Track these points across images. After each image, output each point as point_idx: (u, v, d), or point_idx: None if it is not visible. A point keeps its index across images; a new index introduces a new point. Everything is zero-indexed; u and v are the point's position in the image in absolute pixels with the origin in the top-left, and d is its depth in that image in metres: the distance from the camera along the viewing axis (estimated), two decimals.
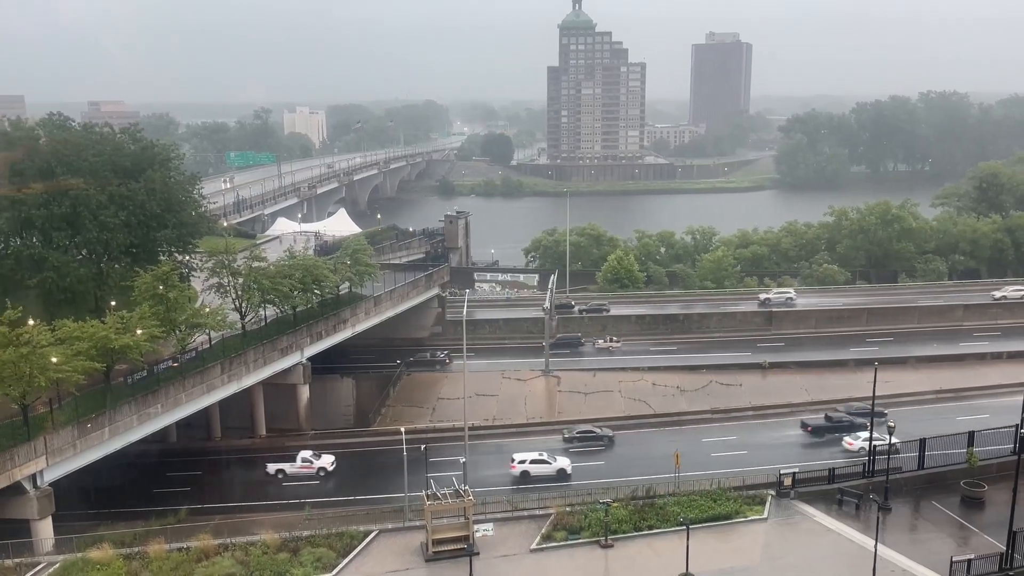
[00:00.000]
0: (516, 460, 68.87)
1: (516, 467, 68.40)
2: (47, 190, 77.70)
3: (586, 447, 74.47)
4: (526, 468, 68.22)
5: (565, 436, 76.39)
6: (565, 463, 69.04)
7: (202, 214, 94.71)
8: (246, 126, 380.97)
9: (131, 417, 63.40)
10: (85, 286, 77.75)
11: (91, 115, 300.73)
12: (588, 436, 75.80)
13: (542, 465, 68.50)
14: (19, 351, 54.96)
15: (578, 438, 75.62)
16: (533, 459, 68.87)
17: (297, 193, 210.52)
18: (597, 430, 76.50)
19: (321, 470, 70.30)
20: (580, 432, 76.18)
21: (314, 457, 71.02)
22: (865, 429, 70.40)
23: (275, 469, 70.24)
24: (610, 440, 75.73)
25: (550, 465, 68.54)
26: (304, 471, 69.75)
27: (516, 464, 68.55)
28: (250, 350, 75.80)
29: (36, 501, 56.02)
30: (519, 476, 67.88)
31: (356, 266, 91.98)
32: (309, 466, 70.20)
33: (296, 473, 69.79)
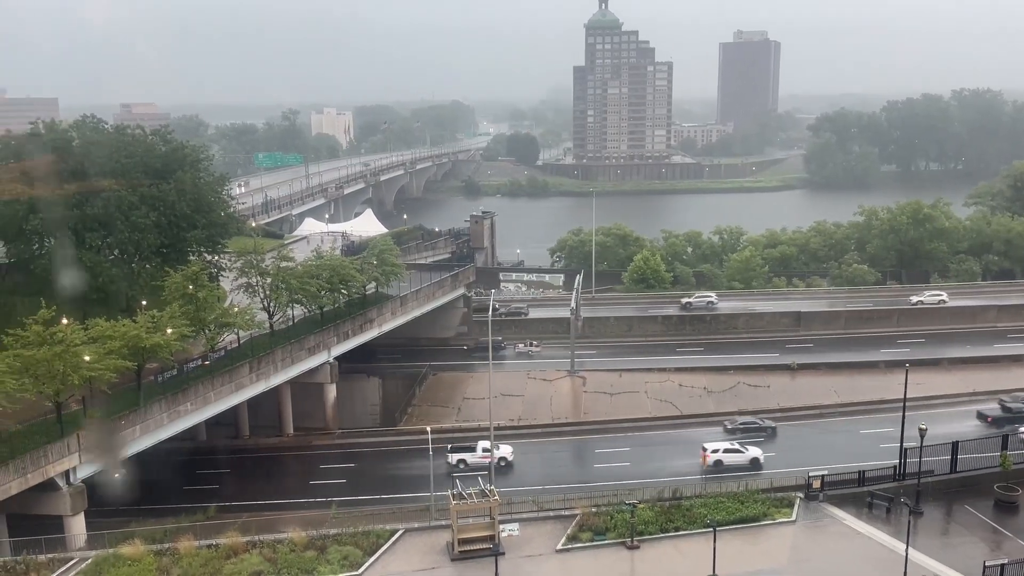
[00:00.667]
0: (709, 450, 69.50)
1: (709, 456, 68.97)
2: (80, 191, 78.95)
3: (748, 438, 74.30)
4: (719, 458, 68.79)
5: (728, 427, 77.02)
6: (757, 452, 69.49)
7: (231, 215, 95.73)
8: (274, 127, 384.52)
9: (161, 415, 64.28)
10: (117, 286, 78.87)
11: (123, 117, 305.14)
12: (751, 427, 76.19)
13: (735, 455, 68.98)
14: (53, 350, 55.92)
15: (741, 429, 76.13)
16: (726, 448, 69.48)
17: (324, 194, 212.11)
18: (760, 421, 77.01)
19: (502, 460, 70.74)
20: (743, 423, 76.86)
21: (495, 447, 70.99)
22: None
23: (456, 459, 70.38)
24: (772, 431, 76.37)
25: (743, 454, 69.09)
26: (485, 461, 69.76)
27: (709, 454, 69.12)
28: (278, 349, 76.49)
29: (69, 497, 56.95)
30: (712, 465, 68.46)
31: (382, 266, 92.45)
32: (490, 456, 70.30)
33: (477, 463, 70.00)
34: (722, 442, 71.39)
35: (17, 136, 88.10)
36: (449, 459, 70.62)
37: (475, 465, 70.01)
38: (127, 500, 64.99)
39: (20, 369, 54.90)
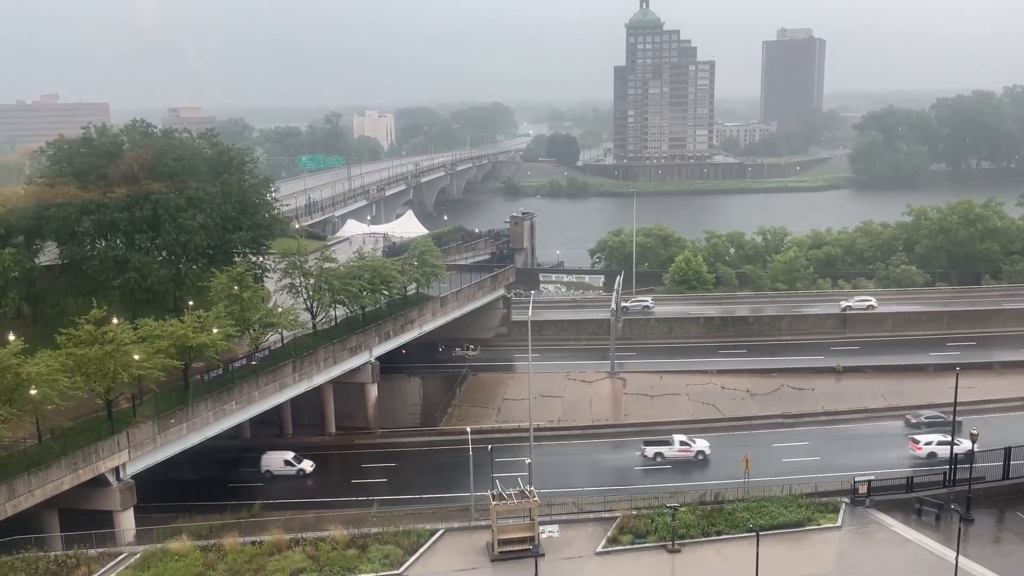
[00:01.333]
0: (922, 442, 69.54)
1: (922, 448, 69.16)
2: (130, 194, 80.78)
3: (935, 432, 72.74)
4: (932, 450, 68.65)
5: (912, 421, 76.09)
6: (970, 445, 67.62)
7: (275, 216, 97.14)
8: (317, 130, 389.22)
9: (207, 413, 65.47)
10: (165, 286, 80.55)
11: (171, 121, 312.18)
12: (936, 422, 74.86)
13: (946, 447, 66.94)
14: (104, 349, 57.33)
15: (926, 423, 75.02)
16: (939, 441, 68.86)
17: (366, 195, 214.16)
18: (944, 415, 74.85)
19: (700, 453, 71.33)
20: (928, 417, 75.73)
21: (691, 440, 72.12)
22: None
23: (653, 452, 71.14)
24: None
25: (958, 446, 67.08)
26: (683, 454, 70.73)
27: (922, 446, 69.28)
28: (321, 349, 77.39)
29: (119, 493, 58.30)
30: (926, 457, 68.40)
31: (423, 267, 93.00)
32: (688, 449, 71.16)
33: (675, 456, 70.86)
34: (934, 434, 70.58)
35: (70, 140, 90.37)
36: (645, 452, 71.28)
37: (672, 458, 70.62)
38: (175, 496, 66.53)
39: (72, 367, 56.38)
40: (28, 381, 53.06)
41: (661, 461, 70.63)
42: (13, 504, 52.20)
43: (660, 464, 70.40)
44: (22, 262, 77.16)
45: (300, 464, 72.85)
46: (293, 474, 72.49)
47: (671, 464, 70.39)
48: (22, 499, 52.69)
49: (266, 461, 72.96)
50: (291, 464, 72.79)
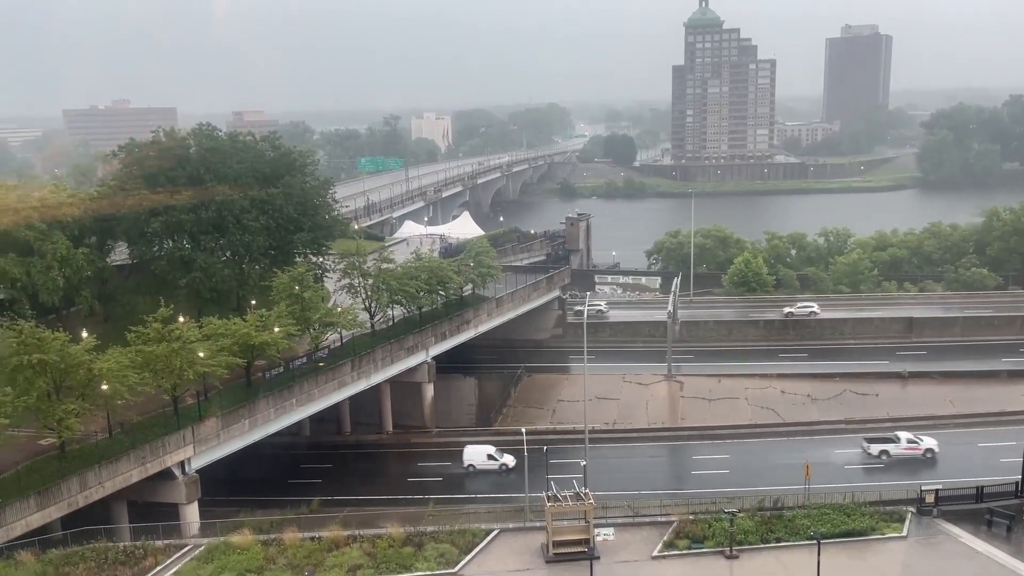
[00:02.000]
0: None
1: None
2: (196, 196, 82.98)
3: None
4: None
5: None
6: None
7: (335, 217, 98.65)
8: (376, 132, 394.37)
9: (269, 410, 66.92)
10: (229, 286, 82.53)
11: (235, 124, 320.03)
12: None
13: None
14: (171, 346, 59.09)
15: None
16: None
17: (423, 197, 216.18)
18: None
19: (928, 451, 69.97)
20: None
21: (918, 438, 70.86)
22: None
23: (878, 450, 70.21)
24: None
25: None
26: (910, 452, 69.77)
27: None
28: (378, 349, 78.39)
29: (184, 487, 59.99)
30: None
31: (479, 268, 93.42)
32: (915, 447, 69.98)
33: (901, 454, 69.91)
34: None
35: (140, 144, 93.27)
36: (869, 450, 70.49)
37: (898, 456, 69.62)
38: (237, 491, 68.15)
39: (141, 364, 58.29)
40: (100, 377, 55.03)
41: (887, 459, 68.97)
42: (85, 495, 54.19)
43: (884, 462, 68.72)
44: (94, 262, 79.91)
45: (502, 459, 72.27)
46: (496, 469, 71.92)
47: (896, 462, 68.33)
48: (93, 491, 54.65)
49: (469, 455, 72.42)
50: (493, 459, 72.25)
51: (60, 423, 53.50)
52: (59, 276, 74.37)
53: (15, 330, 54.67)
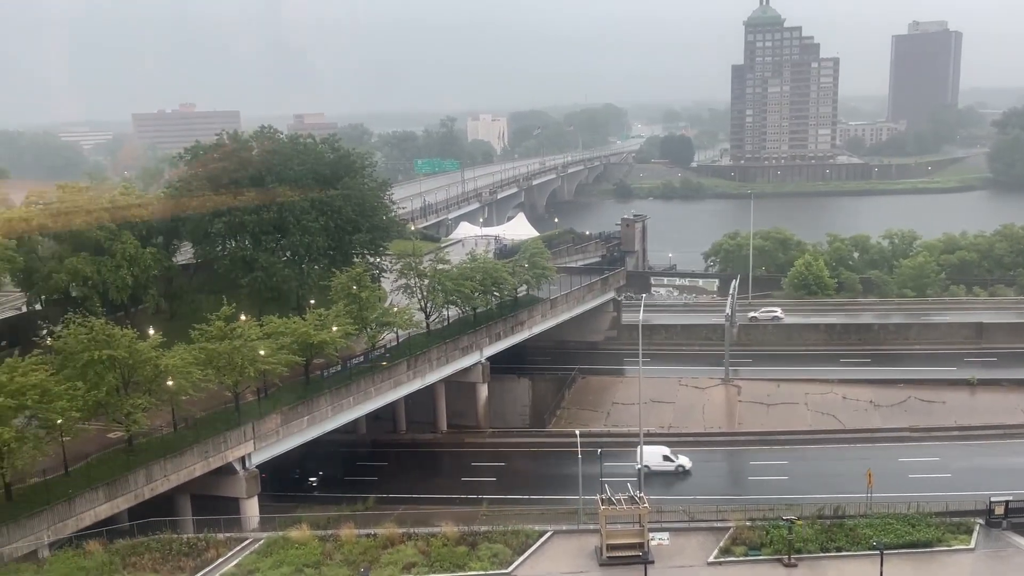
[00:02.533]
0: None
1: None
2: (258, 197, 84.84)
3: None
4: None
5: None
6: None
7: (392, 219, 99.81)
8: (432, 134, 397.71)
9: (326, 408, 68.01)
10: (289, 285, 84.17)
11: (296, 127, 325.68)
12: None
13: None
14: (233, 344, 60.57)
15: None
16: None
17: (479, 198, 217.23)
18: None
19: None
20: None
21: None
22: None
23: None
24: None
25: None
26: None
27: None
28: (434, 348, 79.00)
29: (244, 481, 61.39)
30: None
31: (533, 269, 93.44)
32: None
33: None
34: None
35: (204, 147, 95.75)
36: None
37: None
38: (295, 487, 69.46)
39: (204, 361, 59.88)
40: (165, 373, 56.71)
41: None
42: (150, 488, 55.88)
43: None
44: (161, 261, 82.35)
45: (678, 460, 71.33)
46: (672, 470, 70.84)
47: None
48: (158, 483, 56.33)
49: (643, 455, 67.80)
50: (669, 460, 71.13)
51: (128, 417, 55.23)
52: (128, 275, 76.83)
53: (86, 326, 56.58)
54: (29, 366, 52.31)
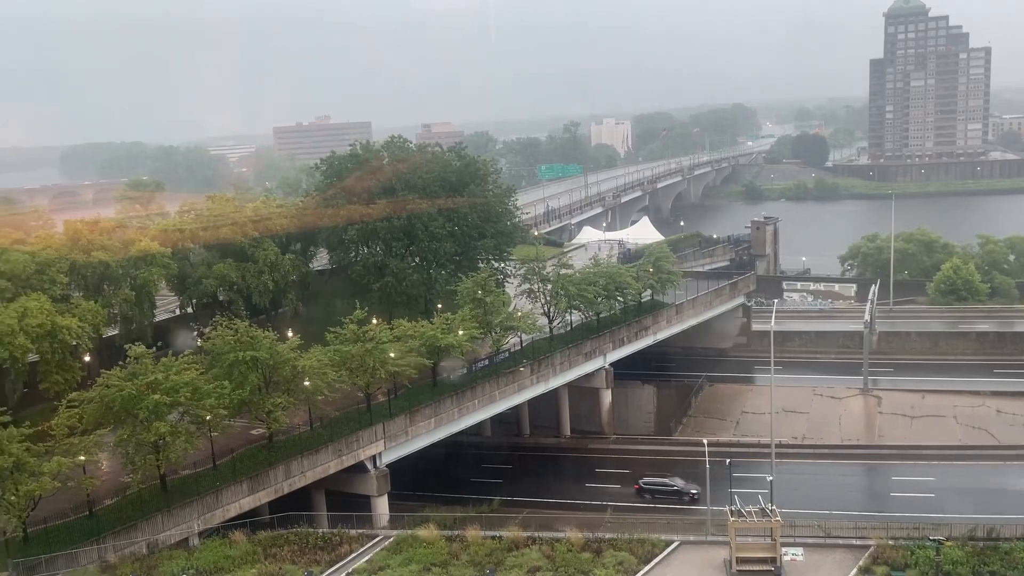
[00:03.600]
0: None
1: None
2: (389, 205, 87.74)
3: None
4: None
5: None
6: None
7: (516, 224, 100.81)
8: (556, 139, 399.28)
9: (453, 410, 69.36)
10: (417, 290, 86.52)
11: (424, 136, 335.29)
12: None
13: None
14: (365, 346, 62.80)
15: None
16: None
17: (602, 202, 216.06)
18: None
19: None
20: None
21: None
22: None
23: None
24: None
25: None
26: None
27: None
28: (557, 353, 79.09)
29: (375, 480, 63.44)
30: None
31: (658, 273, 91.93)
32: None
33: None
34: None
35: (339, 157, 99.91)
36: None
37: None
38: (422, 486, 71.18)
39: (338, 362, 62.33)
40: (303, 373, 59.39)
41: None
42: (289, 483, 58.69)
43: None
44: (299, 267, 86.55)
45: None
46: None
47: None
48: (296, 479, 59.08)
49: None
50: None
51: (269, 415, 58.21)
52: (269, 280, 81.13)
53: (232, 329, 60.05)
54: (182, 365, 55.94)
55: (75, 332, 63.60)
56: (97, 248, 72.15)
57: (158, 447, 51.53)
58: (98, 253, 71.70)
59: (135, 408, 50.97)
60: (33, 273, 66.82)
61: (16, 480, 45.68)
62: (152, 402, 50.70)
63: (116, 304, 72.96)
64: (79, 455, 48.56)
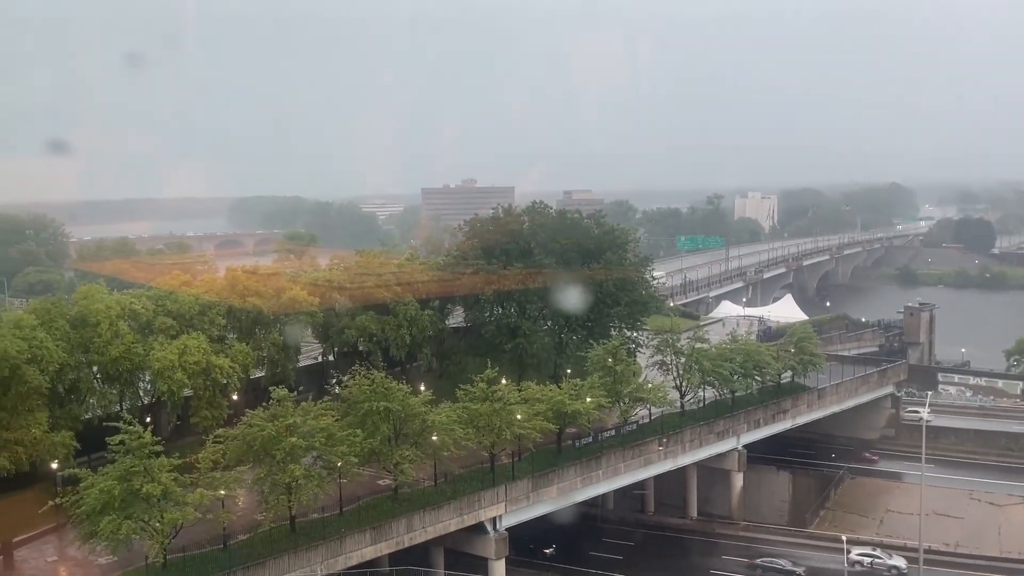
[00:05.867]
0: None
1: None
2: (526, 268, 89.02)
3: None
4: None
5: None
6: None
7: (651, 294, 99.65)
8: (697, 211, 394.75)
9: (575, 479, 68.30)
10: (548, 354, 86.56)
11: (565, 202, 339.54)
12: None
13: None
14: (493, 406, 63.21)
15: None
16: None
17: (743, 277, 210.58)
18: None
19: None
20: None
21: None
22: None
23: None
24: None
25: None
26: None
27: None
28: (687, 429, 76.78)
29: (495, 543, 62.97)
30: None
31: (800, 354, 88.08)
32: None
33: None
34: None
35: (481, 219, 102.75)
36: None
37: None
38: (540, 554, 70.00)
39: (466, 420, 62.95)
40: (431, 428, 60.35)
41: None
42: (410, 537, 59.20)
43: None
44: (436, 323, 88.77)
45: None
46: None
47: None
48: (417, 534, 59.52)
49: None
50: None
51: (396, 467, 59.25)
52: (407, 334, 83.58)
53: (369, 379, 62.07)
54: (319, 411, 58.18)
55: (227, 371, 67.65)
56: (252, 294, 76.95)
57: (291, 488, 53.34)
58: (253, 299, 76.39)
59: (273, 449, 53.22)
60: (196, 314, 71.89)
61: (161, 508, 48.46)
62: (289, 444, 52.81)
63: (265, 348, 77.15)
64: (220, 489, 50.94)
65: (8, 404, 56.92)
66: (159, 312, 69.90)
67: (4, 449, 55.14)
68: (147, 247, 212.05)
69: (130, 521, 47.06)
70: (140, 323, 69.02)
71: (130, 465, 48.31)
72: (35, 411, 57.85)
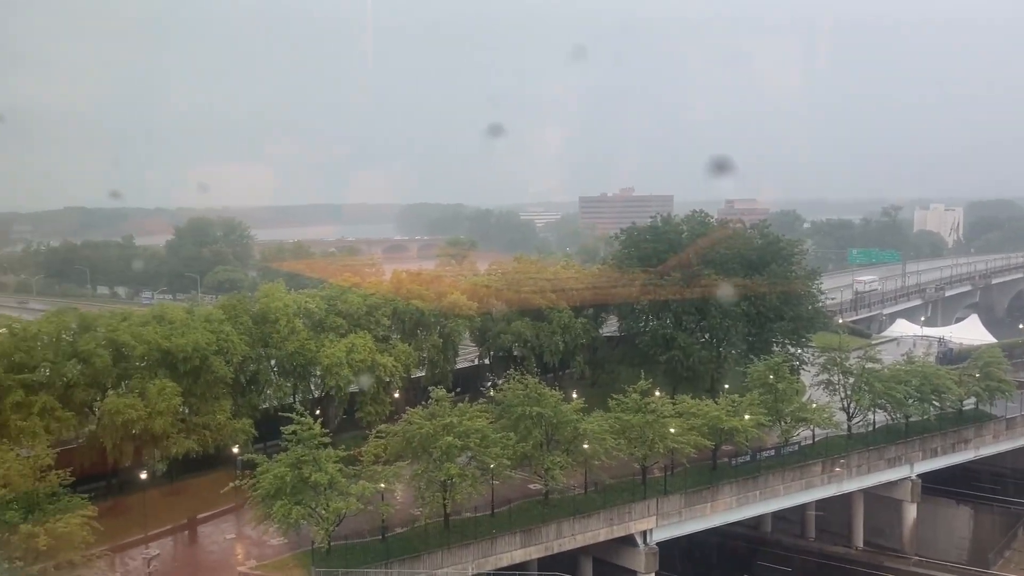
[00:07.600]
0: None
1: None
2: (683, 278, 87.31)
3: None
4: None
5: None
6: None
7: (818, 309, 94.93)
8: (872, 223, 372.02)
9: (731, 498, 66.14)
10: (704, 367, 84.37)
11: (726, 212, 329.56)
12: None
13: None
14: (645, 418, 62.40)
15: None
16: None
17: (921, 294, 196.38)
18: None
19: None
20: None
21: None
22: None
23: None
24: None
25: None
26: None
27: None
28: (854, 454, 72.60)
29: (645, 556, 62.07)
30: None
31: (986, 380, 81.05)
32: None
33: None
34: None
35: (639, 228, 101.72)
36: None
37: None
38: (693, 572, 68.31)
39: (618, 430, 62.50)
40: (583, 436, 60.42)
41: None
42: (558, 543, 59.44)
43: None
44: (589, 331, 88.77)
45: None
46: None
47: None
48: (566, 540, 59.67)
49: None
50: None
51: (547, 472, 59.70)
52: (560, 341, 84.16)
53: (523, 383, 63.06)
54: (475, 412, 59.62)
55: (390, 370, 70.90)
56: (415, 297, 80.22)
57: (446, 486, 55.02)
58: (415, 301, 79.64)
59: (431, 446, 55.12)
60: (364, 314, 75.83)
61: (328, 496, 51.36)
62: (446, 443, 54.50)
63: (425, 348, 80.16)
64: (380, 482, 53.31)
65: (198, 391, 62.53)
66: (330, 311, 74.30)
67: (193, 432, 60.51)
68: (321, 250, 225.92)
69: (299, 507, 50.23)
70: (313, 321, 73.60)
71: (301, 454, 51.59)
72: (220, 399, 63.22)
